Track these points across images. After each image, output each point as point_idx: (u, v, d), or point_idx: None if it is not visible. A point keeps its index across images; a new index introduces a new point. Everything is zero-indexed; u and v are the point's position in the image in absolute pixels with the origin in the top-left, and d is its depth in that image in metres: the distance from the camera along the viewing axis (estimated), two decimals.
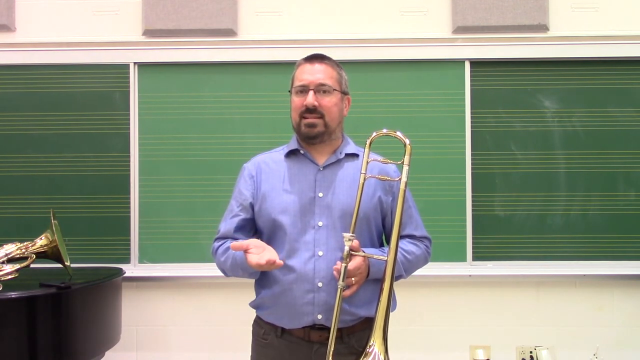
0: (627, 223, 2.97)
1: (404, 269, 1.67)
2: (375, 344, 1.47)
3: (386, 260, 1.53)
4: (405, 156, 1.56)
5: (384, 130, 1.60)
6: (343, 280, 1.52)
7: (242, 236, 1.70)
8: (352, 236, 1.52)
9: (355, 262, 1.54)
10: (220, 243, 1.72)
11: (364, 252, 1.57)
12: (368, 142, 1.60)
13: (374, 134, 1.60)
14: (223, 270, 1.72)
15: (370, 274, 1.60)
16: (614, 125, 2.99)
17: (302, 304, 1.60)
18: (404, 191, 1.56)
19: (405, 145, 1.58)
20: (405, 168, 1.56)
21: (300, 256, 1.61)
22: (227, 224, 1.71)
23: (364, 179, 1.58)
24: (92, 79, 3.03)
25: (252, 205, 1.70)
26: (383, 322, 1.49)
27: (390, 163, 1.67)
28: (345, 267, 1.52)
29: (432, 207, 2.92)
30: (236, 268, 1.64)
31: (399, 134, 1.59)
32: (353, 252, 1.53)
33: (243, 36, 3.05)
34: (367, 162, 1.59)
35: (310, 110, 1.63)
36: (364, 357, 1.47)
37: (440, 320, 2.99)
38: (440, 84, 2.99)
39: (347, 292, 1.54)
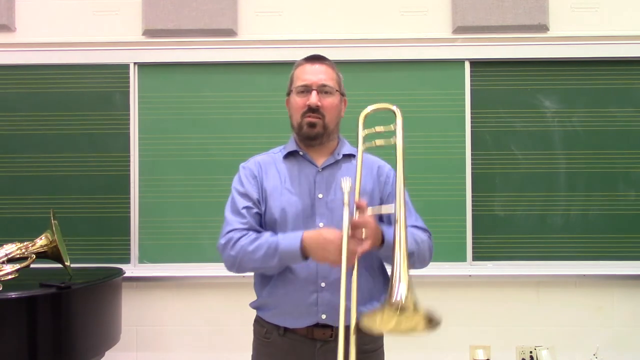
0: (627, 223, 2.97)
1: (414, 249, 1.58)
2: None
3: (394, 212, 1.43)
4: (397, 120, 1.55)
5: (372, 107, 1.60)
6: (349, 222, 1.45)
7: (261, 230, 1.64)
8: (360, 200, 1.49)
9: (363, 217, 1.47)
10: (243, 234, 1.60)
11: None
12: (362, 117, 1.60)
13: (369, 109, 1.60)
14: (242, 262, 1.58)
15: (384, 240, 1.52)
16: (614, 125, 2.99)
17: (306, 305, 1.60)
18: (402, 154, 1.50)
19: (393, 111, 1.57)
20: (399, 131, 1.53)
21: None
22: (244, 216, 1.63)
23: (362, 152, 1.57)
24: (92, 79, 3.03)
25: (259, 203, 1.67)
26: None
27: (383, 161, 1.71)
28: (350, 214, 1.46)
29: (432, 207, 2.92)
30: (273, 257, 1.53)
31: (387, 104, 1.59)
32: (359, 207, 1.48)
33: (243, 36, 3.05)
34: (363, 137, 1.57)
35: (312, 110, 1.63)
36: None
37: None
38: (440, 84, 2.99)
39: (360, 249, 1.45)
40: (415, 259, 1.60)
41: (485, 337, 2.92)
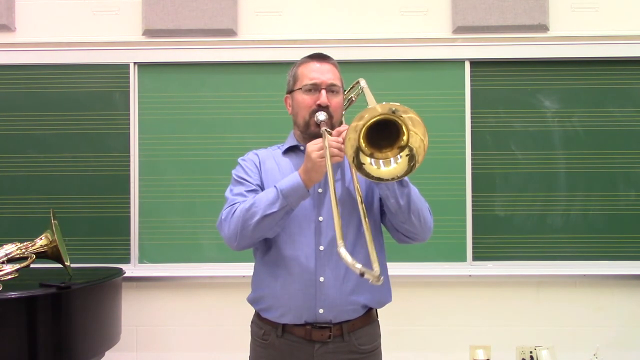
0: (627, 223, 2.97)
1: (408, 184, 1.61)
2: None
3: None
4: (361, 83, 1.77)
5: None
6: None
7: None
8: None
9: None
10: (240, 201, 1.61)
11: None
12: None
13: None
14: (244, 223, 1.55)
15: None
16: (614, 125, 2.99)
17: (304, 299, 1.59)
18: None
19: (358, 82, 1.77)
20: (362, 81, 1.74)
21: (302, 251, 1.61)
22: (246, 196, 1.62)
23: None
24: (92, 79, 3.03)
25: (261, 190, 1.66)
26: None
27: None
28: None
29: (432, 207, 2.90)
30: (275, 201, 1.53)
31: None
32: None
33: (243, 36, 3.05)
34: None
35: (321, 109, 1.63)
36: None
37: (440, 320, 2.99)
38: (440, 84, 2.99)
39: (342, 133, 1.53)
40: (412, 196, 1.64)
41: (485, 337, 2.92)
